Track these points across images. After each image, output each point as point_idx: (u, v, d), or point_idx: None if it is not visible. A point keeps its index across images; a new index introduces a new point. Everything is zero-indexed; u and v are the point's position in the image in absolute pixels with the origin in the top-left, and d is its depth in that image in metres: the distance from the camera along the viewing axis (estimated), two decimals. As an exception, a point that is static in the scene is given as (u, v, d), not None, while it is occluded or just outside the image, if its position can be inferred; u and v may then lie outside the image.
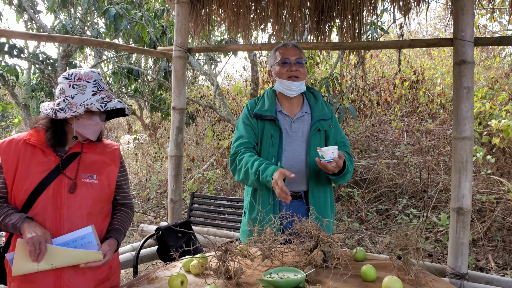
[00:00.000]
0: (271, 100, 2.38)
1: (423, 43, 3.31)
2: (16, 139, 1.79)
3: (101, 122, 1.83)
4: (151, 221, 5.81)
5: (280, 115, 2.33)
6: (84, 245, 1.71)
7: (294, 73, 2.28)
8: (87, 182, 1.81)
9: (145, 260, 3.51)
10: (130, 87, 8.81)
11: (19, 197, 1.74)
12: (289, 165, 2.26)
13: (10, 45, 6.64)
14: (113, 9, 5.50)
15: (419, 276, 1.60)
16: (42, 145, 1.78)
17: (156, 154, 8.33)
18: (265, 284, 1.56)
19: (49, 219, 1.73)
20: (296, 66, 2.29)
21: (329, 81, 5.31)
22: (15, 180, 1.74)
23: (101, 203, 1.87)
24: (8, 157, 1.75)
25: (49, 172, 1.76)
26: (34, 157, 1.77)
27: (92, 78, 1.79)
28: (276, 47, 2.39)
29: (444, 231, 4.54)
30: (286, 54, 2.31)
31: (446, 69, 8.56)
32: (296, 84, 2.29)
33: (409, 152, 6.06)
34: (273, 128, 2.29)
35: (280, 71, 2.31)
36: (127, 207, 2.04)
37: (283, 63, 2.30)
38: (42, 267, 1.64)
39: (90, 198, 1.81)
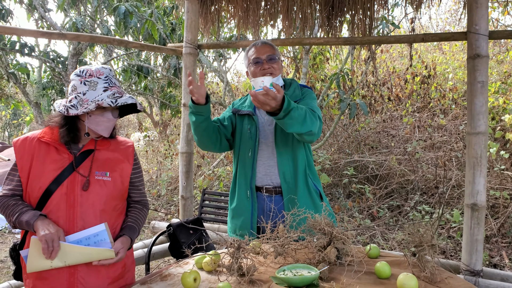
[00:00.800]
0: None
1: (436, 37, 3.26)
2: (30, 137, 1.80)
3: (113, 118, 1.81)
4: (162, 218, 5.83)
5: (257, 111, 2.39)
6: (97, 242, 1.70)
7: (267, 70, 2.29)
8: (100, 180, 1.80)
9: (157, 257, 3.52)
10: (140, 84, 8.83)
11: (33, 194, 1.75)
12: (265, 157, 2.31)
13: (21, 44, 6.68)
14: (123, 7, 5.51)
15: (434, 273, 1.58)
16: (55, 143, 1.79)
17: (166, 151, 8.35)
18: (278, 281, 1.54)
19: (62, 216, 1.73)
20: (268, 64, 2.30)
21: (339, 77, 5.27)
22: (30, 178, 1.75)
23: (115, 201, 1.86)
24: (23, 155, 1.77)
25: (62, 170, 1.76)
26: (48, 155, 1.78)
27: (104, 74, 1.77)
28: (247, 49, 2.41)
29: (457, 227, 4.50)
30: (257, 53, 2.32)
31: (458, 63, 8.46)
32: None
33: (421, 148, 6.01)
34: (250, 123, 2.35)
35: (254, 71, 2.33)
36: (141, 204, 2.02)
37: (255, 63, 2.32)
38: (56, 264, 1.64)
39: (104, 195, 1.80)
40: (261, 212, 2.33)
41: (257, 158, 2.32)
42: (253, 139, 2.32)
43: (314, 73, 6.95)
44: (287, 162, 2.29)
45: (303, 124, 2.02)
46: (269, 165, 2.31)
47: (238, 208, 2.38)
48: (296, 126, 2.01)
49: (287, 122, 1.97)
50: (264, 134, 2.32)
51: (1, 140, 12.60)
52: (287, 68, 7.85)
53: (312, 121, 2.08)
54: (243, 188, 2.36)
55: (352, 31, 3.74)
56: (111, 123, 1.82)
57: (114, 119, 1.82)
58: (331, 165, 5.92)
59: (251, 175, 2.33)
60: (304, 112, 2.05)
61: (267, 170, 2.32)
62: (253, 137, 2.32)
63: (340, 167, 5.99)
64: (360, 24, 3.68)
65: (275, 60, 2.32)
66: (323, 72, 7.18)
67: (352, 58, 6.83)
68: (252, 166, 2.32)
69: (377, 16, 3.74)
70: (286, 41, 3.79)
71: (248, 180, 2.34)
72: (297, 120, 1.98)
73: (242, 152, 2.37)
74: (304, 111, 2.05)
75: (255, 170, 2.32)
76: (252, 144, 2.32)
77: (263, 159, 2.32)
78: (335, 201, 5.60)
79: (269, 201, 2.30)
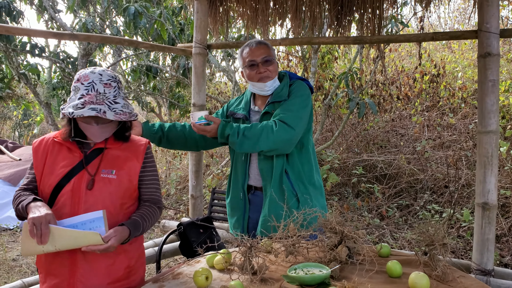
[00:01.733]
0: (247, 98, 2.44)
1: (446, 35, 3.25)
2: (46, 138, 1.86)
3: (96, 126, 1.75)
4: (171, 217, 5.86)
5: (252, 113, 2.39)
6: (92, 229, 1.67)
7: (263, 74, 2.27)
8: (105, 177, 1.79)
9: (167, 255, 3.54)
10: (149, 84, 8.87)
11: (45, 191, 1.79)
12: (257, 159, 2.32)
13: (32, 45, 6.75)
14: (133, 7, 5.54)
15: (446, 272, 1.58)
16: (67, 142, 1.82)
17: (175, 151, 8.38)
18: (290, 280, 1.55)
19: (66, 214, 1.74)
20: (264, 67, 2.27)
21: (348, 76, 5.26)
22: (43, 175, 1.80)
23: (121, 199, 1.84)
24: (38, 155, 1.83)
25: (72, 168, 1.78)
26: (60, 153, 1.82)
27: (88, 80, 1.73)
28: (241, 49, 2.37)
29: (467, 227, 4.48)
30: (252, 55, 2.29)
31: (468, 62, 8.40)
32: (268, 85, 2.29)
33: (430, 147, 5.98)
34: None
35: (250, 74, 2.30)
36: (152, 202, 1.96)
37: (250, 65, 2.29)
38: (47, 248, 1.62)
39: (107, 193, 1.79)
40: (257, 210, 2.36)
41: (249, 162, 2.35)
42: None
43: (323, 72, 6.94)
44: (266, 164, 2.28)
45: (253, 146, 2.14)
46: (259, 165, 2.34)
47: (232, 204, 2.46)
48: (241, 147, 2.16)
49: (231, 145, 2.20)
50: None
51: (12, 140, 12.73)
52: (296, 68, 7.85)
53: (266, 140, 2.11)
54: (236, 190, 2.42)
55: (361, 30, 3.73)
56: (99, 131, 1.77)
57: (100, 126, 1.76)
58: (340, 165, 5.92)
59: (243, 179, 2.36)
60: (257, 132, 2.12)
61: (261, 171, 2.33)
62: None
63: (349, 166, 5.98)
64: (369, 23, 3.67)
65: (271, 62, 2.29)
66: (332, 71, 7.17)
67: (361, 57, 6.82)
68: (245, 169, 2.35)
69: (386, 15, 3.74)
70: (295, 40, 3.80)
71: (240, 183, 2.38)
72: (241, 145, 2.14)
73: (236, 155, 2.41)
74: (257, 132, 2.11)
75: (247, 173, 2.35)
76: None
77: (255, 161, 2.35)
78: (344, 200, 5.59)
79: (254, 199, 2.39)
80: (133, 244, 1.90)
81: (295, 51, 7.16)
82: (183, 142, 2.47)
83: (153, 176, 1.98)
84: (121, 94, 1.82)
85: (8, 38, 6.49)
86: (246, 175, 2.36)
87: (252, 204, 2.38)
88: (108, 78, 1.78)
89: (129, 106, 1.81)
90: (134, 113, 1.79)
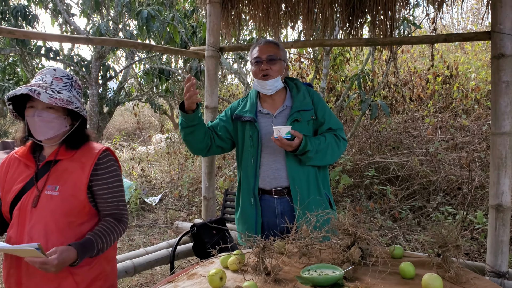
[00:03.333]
0: (252, 100, 2.42)
1: (459, 37, 3.24)
2: (10, 154, 1.79)
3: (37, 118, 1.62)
4: (184, 218, 5.90)
5: (259, 115, 2.37)
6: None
7: (264, 71, 2.29)
8: (48, 194, 1.65)
9: (180, 256, 3.57)
10: (161, 87, 8.95)
11: (5, 209, 1.73)
12: (271, 161, 2.31)
13: (47, 48, 6.85)
14: (146, 11, 5.61)
15: (459, 273, 1.58)
16: (25, 157, 1.74)
17: (188, 153, 8.43)
18: (303, 281, 1.57)
19: (14, 233, 1.65)
20: (267, 64, 2.28)
21: (360, 78, 5.26)
22: (3, 193, 1.73)
23: (67, 217, 1.67)
24: (1, 172, 1.77)
25: (24, 184, 1.69)
26: (17, 169, 1.74)
27: (41, 74, 1.69)
28: (252, 46, 2.40)
29: (480, 229, 4.44)
30: (259, 52, 2.31)
31: (481, 63, 8.33)
32: (269, 83, 2.30)
33: (443, 148, 5.94)
34: (252, 129, 2.33)
35: (254, 71, 2.33)
36: (112, 217, 1.78)
37: (256, 62, 2.32)
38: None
39: (49, 211, 1.64)
40: (270, 215, 2.34)
41: (260, 164, 2.32)
42: (255, 146, 2.31)
43: (335, 74, 6.94)
44: (296, 165, 2.29)
45: (322, 160, 2.25)
46: (277, 168, 2.32)
47: (242, 216, 2.41)
48: (313, 162, 2.24)
49: (304, 159, 2.23)
50: (270, 138, 2.29)
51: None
52: (307, 70, 7.86)
53: (333, 155, 2.27)
54: (247, 195, 2.37)
55: (373, 31, 3.73)
56: (39, 124, 1.63)
57: (40, 119, 1.63)
58: (352, 166, 5.91)
59: (254, 182, 2.33)
60: (326, 147, 2.23)
61: (275, 173, 2.31)
62: (255, 144, 2.32)
63: (361, 168, 5.97)
64: (381, 24, 3.67)
65: (275, 61, 2.30)
66: (344, 73, 7.16)
67: (373, 58, 6.80)
68: (255, 173, 2.33)
69: (398, 16, 3.73)
70: (307, 42, 3.81)
71: (251, 187, 2.34)
72: (314, 159, 2.22)
73: (244, 159, 2.38)
74: (326, 147, 2.23)
75: (258, 176, 2.33)
76: (254, 151, 2.32)
77: (270, 163, 2.32)
78: (356, 202, 5.58)
79: (279, 203, 2.32)
80: (85, 267, 1.71)
81: (307, 53, 7.17)
82: (202, 138, 2.37)
83: (112, 188, 1.78)
84: (74, 92, 1.71)
85: (24, 42, 6.60)
86: (257, 178, 2.33)
87: (263, 209, 2.36)
88: (62, 75, 1.70)
89: (74, 100, 1.68)
90: (78, 105, 1.67)
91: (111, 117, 8.18)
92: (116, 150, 10.27)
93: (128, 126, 15.41)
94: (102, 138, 10.85)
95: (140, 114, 13.25)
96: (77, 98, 1.72)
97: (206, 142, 2.37)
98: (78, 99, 1.73)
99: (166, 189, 7.25)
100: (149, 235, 5.30)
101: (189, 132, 2.29)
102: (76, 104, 1.67)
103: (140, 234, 5.34)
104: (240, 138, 2.41)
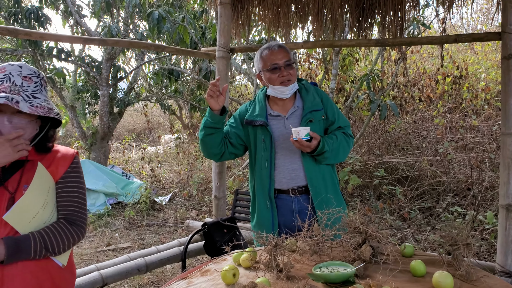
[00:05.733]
0: (261, 103, 2.41)
1: (469, 37, 3.25)
2: None
3: (8, 123, 1.52)
4: (194, 217, 5.95)
5: (270, 118, 2.37)
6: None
7: (286, 77, 2.29)
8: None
9: (191, 255, 3.61)
10: (171, 87, 9.00)
11: None
12: (287, 163, 2.32)
13: (59, 49, 6.93)
14: (156, 12, 5.66)
15: (470, 271, 1.59)
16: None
17: (197, 153, 8.48)
18: (315, 278, 1.59)
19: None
20: (286, 70, 2.29)
21: (370, 78, 5.27)
22: None
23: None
24: None
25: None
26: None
27: (4, 72, 1.55)
28: (260, 51, 2.37)
29: (490, 229, 4.43)
30: (274, 59, 2.30)
31: (491, 63, 8.29)
32: (289, 88, 2.32)
33: (453, 149, 5.93)
34: (264, 133, 2.33)
35: (271, 78, 2.31)
36: (66, 220, 1.67)
37: (273, 69, 2.30)
38: None
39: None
40: (287, 213, 2.36)
41: (274, 167, 2.33)
42: (268, 150, 2.32)
43: (344, 74, 6.95)
44: (313, 164, 2.31)
45: (335, 158, 2.30)
46: (294, 169, 2.33)
47: (258, 221, 2.41)
48: (328, 161, 2.30)
49: (320, 159, 2.28)
50: (284, 140, 2.31)
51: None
52: (316, 70, 7.87)
53: (344, 152, 2.33)
54: (262, 199, 2.37)
55: (383, 32, 3.74)
56: (15, 129, 1.53)
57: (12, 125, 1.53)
58: (361, 166, 5.91)
59: (269, 185, 2.34)
60: (338, 145, 2.27)
61: (292, 174, 2.33)
62: (268, 147, 2.32)
63: (370, 168, 5.97)
64: (390, 25, 3.68)
65: (292, 66, 2.32)
66: (353, 73, 7.17)
67: (382, 59, 6.80)
68: (269, 175, 2.33)
69: (408, 17, 3.74)
70: (317, 43, 3.83)
71: (266, 190, 2.35)
72: (329, 158, 2.27)
73: (258, 162, 2.38)
74: (338, 145, 2.27)
75: (273, 179, 2.33)
76: (268, 154, 2.32)
77: (286, 164, 2.33)
78: (365, 202, 5.59)
79: (296, 202, 2.33)
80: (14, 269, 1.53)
81: (316, 53, 7.18)
82: (218, 143, 2.37)
83: (74, 192, 1.71)
84: (44, 92, 1.62)
85: (36, 43, 6.68)
86: (272, 181, 2.33)
87: (279, 208, 2.36)
88: (29, 72, 1.59)
89: (50, 103, 1.61)
90: (56, 111, 1.59)
91: (121, 117, 8.24)
92: (126, 150, 10.36)
93: (137, 127, 15.50)
94: (112, 139, 10.94)
95: (150, 115, 13.34)
96: (47, 99, 1.62)
97: (221, 148, 2.37)
98: (49, 100, 1.63)
99: (176, 189, 7.30)
100: (159, 234, 5.35)
101: (209, 133, 2.29)
102: (55, 109, 1.60)
103: (150, 233, 5.39)
104: (252, 142, 2.41)
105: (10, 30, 2.80)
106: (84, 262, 4.42)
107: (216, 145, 2.35)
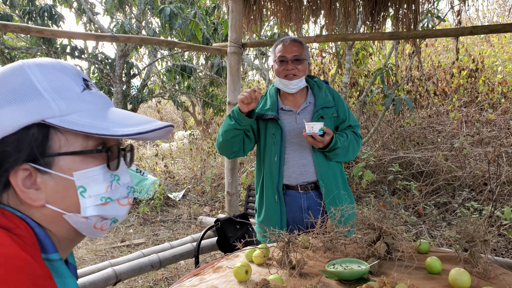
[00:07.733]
0: (273, 98, 2.40)
1: (486, 29, 3.17)
2: None
3: None
4: (207, 213, 5.96)
5: (281, 113, 2.36)
6: None
7: (290, 71, 2.28)
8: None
9: (204, 251, 3.62)
10: (184, 84, 9.03)
11: None
12: (297, 157, 2.31)
13: (72, 47, 6.99)
14: (168, 9, 5.66)
15: (487, 269, 1.56)
16: None
17: (210, 149, 8.49)
18: (328, 275, 1.57)
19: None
20: (293, 65, 2.27)
21: (383, 72, 5.20)
22: None
23: None
24: None
25: None
26: None
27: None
28: (276, 43, 2.37)
29: (508, 225, 4.36)
30: (284, 51, 2.29)
31: (508, 56, 8.14)
32: (293, 83, 2.29)
33: (468, 143, 5.84)
34: (275, 127, 2.31)
35: (278, 70, 2.31)
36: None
37: (280, 61, 2.29)
38: None
39: None
40: (295, 210, 2.34)
41: (284, 161, 2.32)
42: (278, 144, 2.31)
43: (357, 68, 6.88)
44: (323, 160, 2.31)
45: (345, 156, 2.31)
46: (303, 164, 2.32)
47: (266, 216, 2.39)
48: (338, 158, 2.30)
49: (330, 156, 2.28)
50: (294, 134, 2.30)
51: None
52: (329, 65, 7.81)
53: (354, 151, 2.34)
54: (271, 193, 2.36)
55: (397, 25, 3.69)
56: None
57: None
58: (376, 162, 5.86)
59: (278, 179, 2.32)
60: (348, 144, 2.27)
61: (301, 169, 2.31)
62: (277, 142, 2.31)
63: (384, 163, 5.91)
64: (404, 18, 3.63)
65: (301, 61, 2.29)
66: (366, 68, 7.10)
67: (396, 52, 6.72)
68: (278, 170, 2.31)
69: (422, 9, 3.68)
70: (330, 37, 3.79)
71: (275, 185, 2.33)
72: (340, 156, 2.28)
73: (267, 157, 2.36)
74: (348, 144, 2.28)
75: (282, 173, 2.32)
76: (278, 148, 2.31)
77: (296, 159, 2.32)
78: (379, 198, 5.54)
79: (305, 198, 2.32)
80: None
81: (329, 48, 7.12)
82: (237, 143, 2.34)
83: None
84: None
85: (50, 41, 6.74)
86: (281, 175, 2.32)
87: (288, 205, 2.35)
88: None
89: None
90: None
91: (135, 114, 8.28)
92: (140, 147, 10.41)
93: (151, 123, 15.54)
94: (125, 135, 10.97)
95: (163, 111, 13.39)
96: None
97: (238, 146, 2.35)
98: None
99: (189, 185, 7.32)
100: (173, 230, 5.37)
101: (234, 135, 2.26)
102: None
103: (164, 229, 5.42)
104: (262, 136, 2.39)
105: (22, 28, 2.82)
106: (98, 258, 4.45)
107: (236, 143, 2.33)
